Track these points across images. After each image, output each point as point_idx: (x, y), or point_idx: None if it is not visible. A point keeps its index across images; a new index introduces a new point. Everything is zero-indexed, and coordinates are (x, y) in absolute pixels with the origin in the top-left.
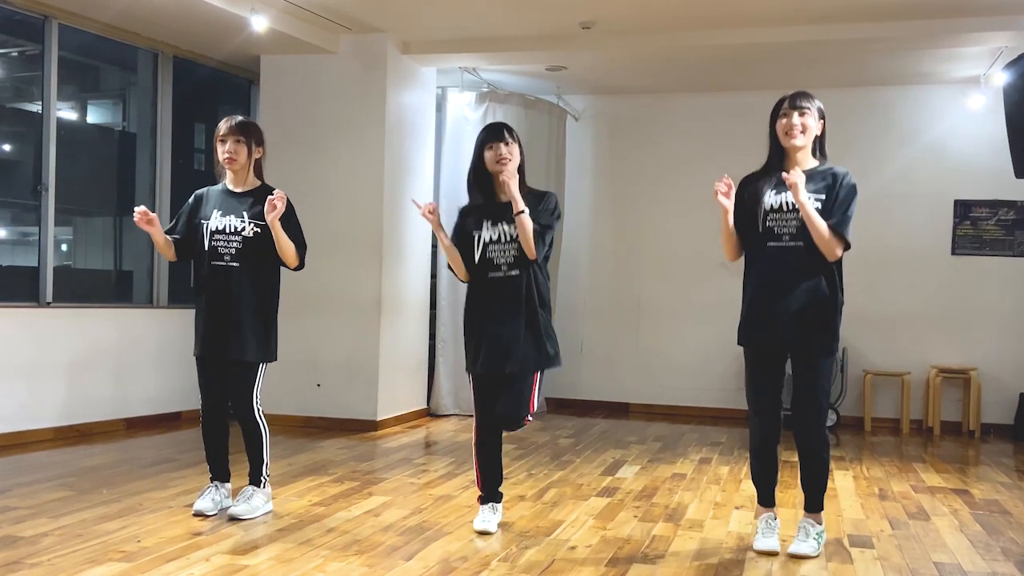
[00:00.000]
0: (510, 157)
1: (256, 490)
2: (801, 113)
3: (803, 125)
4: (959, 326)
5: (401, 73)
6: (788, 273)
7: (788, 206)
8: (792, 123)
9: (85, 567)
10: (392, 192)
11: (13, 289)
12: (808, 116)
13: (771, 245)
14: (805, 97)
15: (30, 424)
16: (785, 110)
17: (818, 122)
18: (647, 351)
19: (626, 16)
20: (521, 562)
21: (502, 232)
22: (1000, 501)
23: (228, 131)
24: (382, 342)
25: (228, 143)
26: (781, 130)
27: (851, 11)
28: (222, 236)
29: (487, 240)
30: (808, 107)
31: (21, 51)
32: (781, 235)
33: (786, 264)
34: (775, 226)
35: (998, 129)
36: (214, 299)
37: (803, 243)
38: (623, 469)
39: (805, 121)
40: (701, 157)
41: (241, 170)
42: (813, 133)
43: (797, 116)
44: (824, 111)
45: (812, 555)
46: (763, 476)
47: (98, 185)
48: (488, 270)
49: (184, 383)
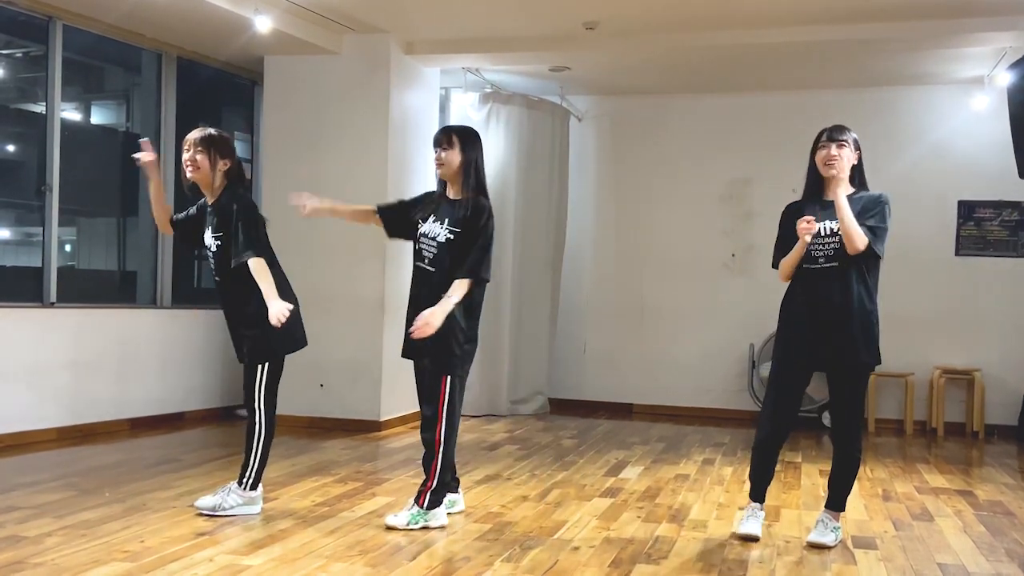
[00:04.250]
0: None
1: (234, 488)
2: (839, 145)
3: (841, 156)
4: (963, 327)
5: (405, 74)
6: (827, 293)
7: (827, 231)
8: (831, 154)
9: (89, 567)
10: (395, 193)
11: (17, 289)
12: (845, 148)
13: (806, 267)
14: (841, 130)
15: (34, 424)
16: (824, 142)
17: (854, 152)
18: (650, 352)
19: (630, 16)
20: (524, 562)
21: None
22: (1004, 502)
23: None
24: (385, 342)
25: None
26: (820, 161)
27: (855, 12)
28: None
29: (423, 232)
30: (845, 140)
31: (25, 52)
32: (817, 257)
33: (823, 285)
34: (813, 250)
35: (1002, 130)
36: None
37: (838, 264)
38: (626, 470)
39: (842, 152)
40: (705, 157)
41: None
42: (850, 163)
43: (835, 148)
44: (859, 142)
45: (831, 545)
46: (761, 473)
47: (102, 186)
48: (416, 259)
49: (187, 383)
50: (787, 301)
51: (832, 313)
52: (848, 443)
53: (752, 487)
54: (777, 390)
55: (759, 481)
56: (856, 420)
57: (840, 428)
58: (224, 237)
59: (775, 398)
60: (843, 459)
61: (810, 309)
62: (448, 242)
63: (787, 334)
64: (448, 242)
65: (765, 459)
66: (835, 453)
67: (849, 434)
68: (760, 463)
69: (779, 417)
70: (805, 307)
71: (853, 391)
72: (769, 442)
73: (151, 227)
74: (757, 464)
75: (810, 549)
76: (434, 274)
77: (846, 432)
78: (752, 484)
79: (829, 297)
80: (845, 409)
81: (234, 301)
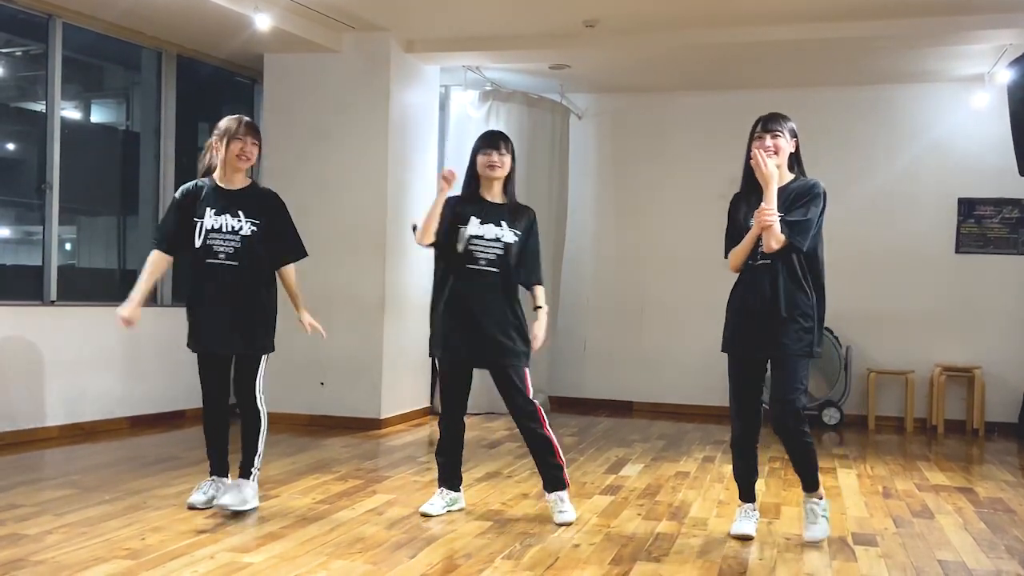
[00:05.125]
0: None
1: (246, 483)
2: (773, 136)
3: (775, 147)
4: (963, 324)
5: (404, 72)
6: (764, 288)
7: None
8: (765, 145)
9: (89, 564)
10: (395, 190)
11: (17, 288)
12: (780, 138)
13: (749, 263)
14: (776, 120)
15: (35, 422)
16: (759, 133)
17: (790, 141)
18: (650, 349)
19: (630, 14)
20: (525, 560)
21: (486, 231)
22: (1004, 499)
23: (247, 130)
24: (386, 340)
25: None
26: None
27: (855, 9)
28: (218, 235)
29: (475, 234)
30: (780, 130)
31: (25, 50)
32: (757, 253)
33: (762, 280)
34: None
35: (1002, 127)
36: (215, 295)
37: (770, 260)
38: (627, 467)
39: (777, 143)
40: (705, 155)
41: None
42: (786, 152)
43: (770, 139)
44: (796, 130)
45: (824, 537)
46: (743, 472)
47: (102, 184)
48: (464, 261)
49: (188, 382)
50: (731, 296)
51: (763, 307)
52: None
53: (740, 489)
54: (734, 385)
55: (744, 480)
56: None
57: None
58: (263, 225)
59: (734, 393)
60: (790, 447)
61: (747, 302)
62: (514, 244)
63: (729, 329)
64: (514, 244)
65: (745, 459)
66: (783, 444)
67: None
68: (741, 464)
69: (744, 412)
70: (743, 301)
71: (788, 379)
72: (743, 439)
73: (151, 225)
74: (738, 465)
75: (810, 546)
76: (495, 275)
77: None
78: (739, 485)
79: (761, 293)
80: (778, 395)
81: (246, 288)
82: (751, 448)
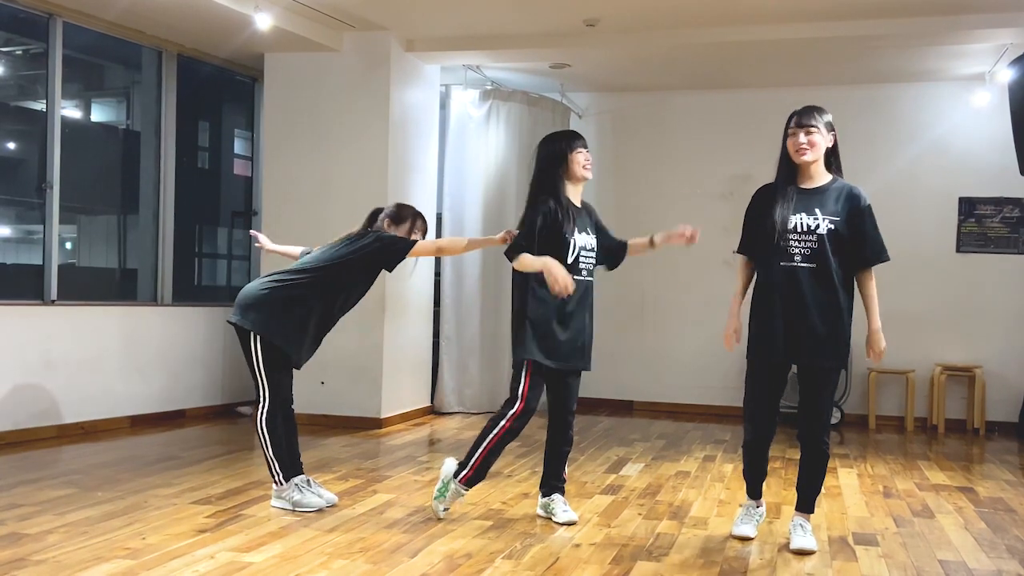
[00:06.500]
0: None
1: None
2: (807, 132)
3: (810, 143)
4: (964, 324)
5: (405, 71)
6: (800, 292)
7: (804, 227)
8: (799, 142)
9: (90, 564)
10: (396, 190)
11: (18, 287)
12: (815, 134)
13: (783, 264)
14: (810, 115)
15: (35, 422)
16: (792, 129)
17: (827, 136)
18: (651, 349)
19: (630, 13)
20: (525, 559)
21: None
22: (1005, 499)
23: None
24: (386, 340)
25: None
26: (791, 148)
27: (855, 8)
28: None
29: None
30: (815, 125)
31: (25, 49)
32: (794, 255)
33: (798, 284)
34: (788, 246)
35: (1003, 126)
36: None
37: (816, 265)
38: (627, 467)
39: (812, 139)
40: (705, 154)
41: None
42: (822, 148)
43: (804, 135)
44: (833, 124)
45: (814, 549)
46: (754, 472)
47: (102, 183)
48: (574, 274)
49: (188, 381)
50: (759, 298)
51: (806, 313)
52: (814, 447)
53: (749, 487)
54: (758, 391)
55: (755, 479)
56: (819, 424)
57: (804, 430)
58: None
59: (755, 398)
60: (810, 465)
61: (784, 307)
62: (598, 248)
63: (759, 332)
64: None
65: (758, 459)
66: (802, 457)
67: (814, 439)
68: (753, 463)
69: (763, 417)
70: (779, 305)
71: (821, 392)
72: (756, 444)
73: (151, 224)
74: (750, 465)
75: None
76: (589, 283)
77: (809, 435)
78: (748, 483)
79: (804, 297)
80: (810, 410)
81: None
82: (765, 450)
